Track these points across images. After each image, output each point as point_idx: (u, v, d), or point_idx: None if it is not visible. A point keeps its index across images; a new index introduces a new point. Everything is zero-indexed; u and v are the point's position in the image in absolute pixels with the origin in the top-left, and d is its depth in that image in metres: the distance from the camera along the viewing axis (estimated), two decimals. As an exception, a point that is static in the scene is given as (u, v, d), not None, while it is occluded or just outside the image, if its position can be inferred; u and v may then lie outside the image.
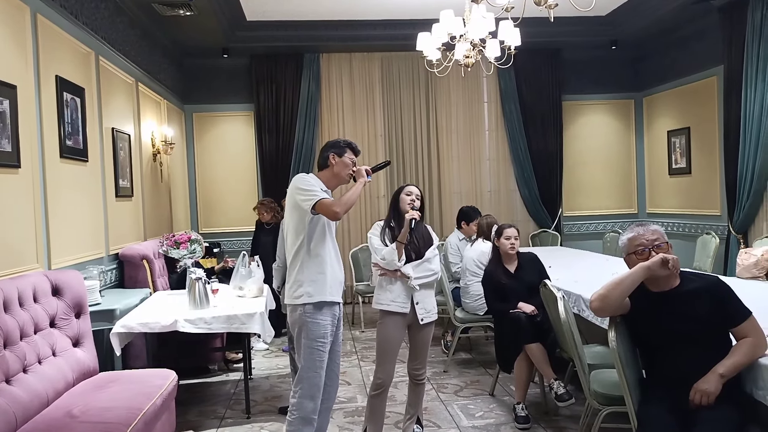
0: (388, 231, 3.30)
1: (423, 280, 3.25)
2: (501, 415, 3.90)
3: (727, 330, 2.42)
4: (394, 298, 3.23)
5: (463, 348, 5.45)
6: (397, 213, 3.30)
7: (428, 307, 3.29)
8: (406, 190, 3.32)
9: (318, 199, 2.85)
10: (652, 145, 8.10)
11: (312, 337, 2.93)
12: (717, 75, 6.60)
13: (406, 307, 3.23)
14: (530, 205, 8.04)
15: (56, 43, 3.97)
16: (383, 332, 3.28)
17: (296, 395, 2.97)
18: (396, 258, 3.18)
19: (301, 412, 2.95)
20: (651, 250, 2.49)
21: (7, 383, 2.68)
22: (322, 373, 2.99)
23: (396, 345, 3.28)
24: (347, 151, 3.05)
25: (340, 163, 3.04)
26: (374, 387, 3.31)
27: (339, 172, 3.04)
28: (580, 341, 3.09)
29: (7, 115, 3.27)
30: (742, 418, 2.30)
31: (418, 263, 3.25)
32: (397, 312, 3.23)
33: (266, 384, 4.72)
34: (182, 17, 5.85)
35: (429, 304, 3.30)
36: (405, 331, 3.32)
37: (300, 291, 2.94)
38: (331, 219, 2.92)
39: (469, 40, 4.73)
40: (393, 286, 3.24)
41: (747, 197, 6.00)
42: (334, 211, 2.85)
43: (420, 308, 3.25)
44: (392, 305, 3.23)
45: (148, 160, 5.98)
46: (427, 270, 3.26)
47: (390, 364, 3.27)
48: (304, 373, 2.96)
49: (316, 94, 7.62)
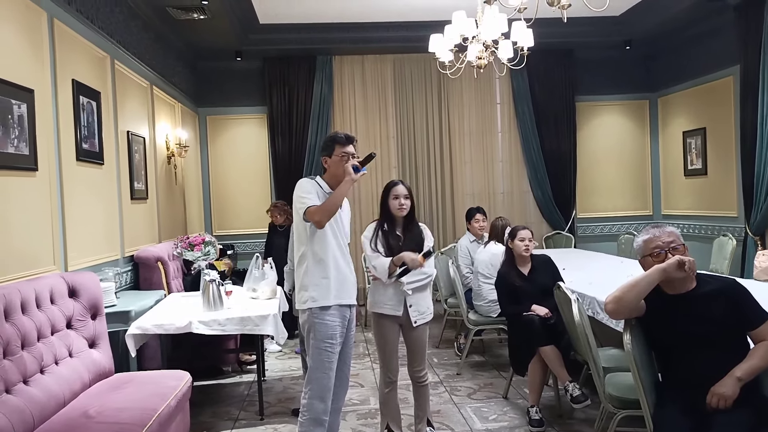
0: (381, 236, 3.28)
1: (416, 284, 3.26)
2: (515, 418, 3.88)
3: (744, 333, 2.39)
4: (387, 301, 3.25)
5: (476, 350, 5.43)
6: (389, 215, 3.29)
7: (422, 309, 3.30)
8: (393, 192, 3.27)
9: (306, 207, 2.87)
10: (667, 145, 8.03)
11: (320, 338, 2.95)
12: (733, 75, 6.52)
13: (399, 309, 3.25)
14: (543, 206, 7.99)
15: (72, 48, 4.02)
16: (379, 334, 3.33)
17: (306, 396, 3.00)
18: (386, 275, 3.18)
19: (311, 413, 2.97)
20: (667, 252, 2.46)
21: (24, 384, 2.71)
22: (332, 374, 3.00)
23: (394, 343, 3.32)
24: (335, 147, 3.02)
25: (333, 162, 3.03)
26: (385, 384, 3.36)
27: (335, 171, 3.02)
28: (595, 344, 3.07)
29: (25, 118, 3.31)
30: (760, 421, 2.27)
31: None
32: (390, 314, 3.26)
33: (279, 386, 4.74)
34: (196, 20, 5.90)
35: (423, 305, 3.31)
36: (399, 332, 3.34)
37: (305, 296, 2.97)
38: (316, 227, 2.91)
39: (481, 41, 4.72)
40: (386, 290, 3.25)
41: (764, 198, 5.92)
42: (316, 220, 2.86)
43: (413, 311, 3.27)
44: (385, 308, 3.26)
45: (162, 162, 6.03)
46: (420, 273, 3.25)
47: (394, 361, 3.34)
48: (312, 374, 2.98)
49: (329, 96, 7.64)
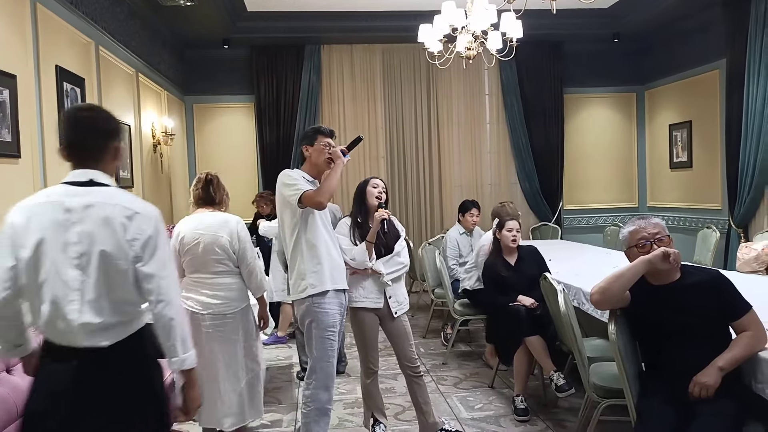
0: (356, 229, 3.29)
1: (394, 275, 3.29)
2: (500, 407, 3.91)
3: (727, 324, 2.42)
4: (367, 294, 3.26)
5: (462, 340, 5.46)
6: (364, 207, 3.31)
7: (400, 299, 3.32)
8: (372, 182, 3.32)
9: (302, 192, 2.85)
10: (653, 138, 8.08)
11: (322, 327, 2.93)
12: (719, 68, 6.58)
13: (380, 301, 3.26)
14: (531, 198, 8.03)
15: (56, 33, 3.95)
16: (360, 328, 3.30)
17: (310, 387, 2.95)
18: (367, 258, 3.20)
19: (316, 403, 2.94)
20: (652, 243, 2.48)
21: (7, 372, 2.69)
22: (334, 362, 3.00)
23: (375, 333, 3.33)
24: (317, 137, 3.03)
25: (314, 151, 3.03)
26: (366, 375, 3.37)
27: (316, 160, 3.02)
28: (580, 334, 3.10)
29: (7, 104, 3.26)
30: (741, 411, 2.30)
31: (388, 258, 3.28)
32: (371, 307, 3.26)
33: (266, 375, 4.72)
34: (182, 7, 5.82)
35: (401, 296, 3.34)
36: (378, 321, 3.33)
37: (303, 284, 2.94)
38: (316, 209, 2.90)
39: (470, 32, 4.71)
40: (365, 282, 3.26)
41: (748, 191, 5.99)
42: (317, 201, 2.85)
43: (393, 302, 3.28)
44: (366, 301, 3.26)
45: (148, 151, 5.97)
46: (397, 264, 3.31)
47: (375, 352, 3.35)
48: (316, 364, 2.94)
49: (317, 85, 7.59)
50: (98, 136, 1.91)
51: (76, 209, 1.81)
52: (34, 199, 1.86)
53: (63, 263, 1.78)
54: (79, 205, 1.81)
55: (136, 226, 1.81)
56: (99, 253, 1.79)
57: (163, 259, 1.85)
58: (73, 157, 1.91)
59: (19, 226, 1.81)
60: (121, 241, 1.80)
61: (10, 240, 1.81)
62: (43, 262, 1.79)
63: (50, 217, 1.80)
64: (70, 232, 1.79)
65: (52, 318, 1.79)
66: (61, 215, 1.80)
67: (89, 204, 1.81)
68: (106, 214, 1.81)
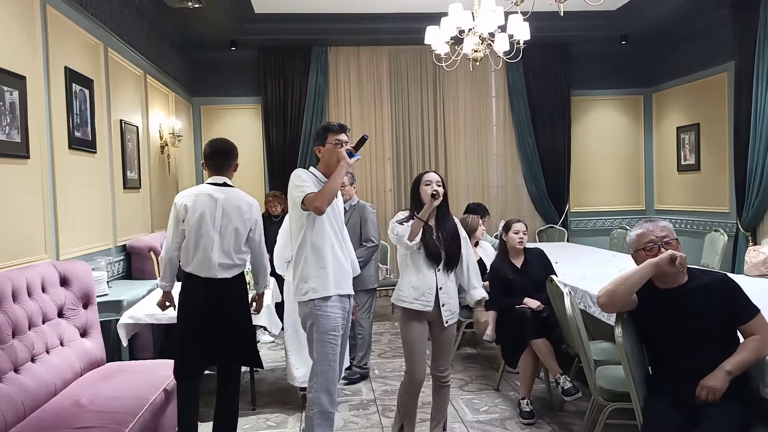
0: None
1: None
2: (506, 410, 3.90)
3: (734, 327, 2.41)
4: (418, 297, 3.06)
5: (468, 343, 5.45)
6: (419, 204, 3.14)
7: (453, 309, 3.15)
8: (425, 179, 3.13)
9: (305, 195, 2.84)
10: (661, 141, 8.05)
11: (324, 330, 2.91)
12: (728, 71, 6.55)
13: (429, 305, 3.06)
14: (537, 200, 8.01)
15: (65, 35, 3.98)
16: (408, 333, 3.11)
17: (312, 390, 2.94)
18: (407, 234, 3.02)
19: (318, 406, 2.92)
20: (660, 246, 2.47)
21: (15, 372, 2.70)
22: (336, 366, 2.97)
23: (423, 342, 3.14)
24: (327, 136, 3.00)
25: (326, 151, 3.00)
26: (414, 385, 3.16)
27: (328, 160, 2.99)
28: (587, 337, 3.09)
29: (17, 105, 3.28)
30: (748, 415, 2.29)
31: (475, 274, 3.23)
32: (420, 310, 3.09)
33: (272, 376, 4.74)
34: (190, 9, 5.84)
35: (454, 305, 3.16)
36: (427, 328, 3.17)
37: (306, 287, 2.93)
38: (316, 213, 2.86)
39: (477, 34, 4.71)
40: (419, 283, 3.07)
41: (756, 195, 5.96)
42: (316, 205, 2.81)
43: (446, 310, 3.10)
44: (415, 303, 3.06)
45: (155, 152, 6.00)
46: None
47: (420, 361, 3.13)
48: (317, 367, 2.93)
49: (324, 87, 7.61)
50: (228, 158, 3.27)
51: (220, 199, 3.14)
52: (194, 191, 3.18)
53: (211, 229, 3.11)
54: (221, 197, 3.15)
55: (252, 211, 3.22)
56: (232, 226, 3.14)
57: (261, 232, 3.30)
58: (213, 169, 3.24)
59: (189, 206, 3.10)
60: (244, 218, 3.17)
61: (183, 213, 3.10)
62: (201, 227, 3.10)
63: (206, 201, 3.12)
64: (217, 212, 3.12)
65: (201, 259, 3.11)
66: (211, 201, 3.13)
67: (226, 197, 3.16)
68: (237, 204, 3.17)
